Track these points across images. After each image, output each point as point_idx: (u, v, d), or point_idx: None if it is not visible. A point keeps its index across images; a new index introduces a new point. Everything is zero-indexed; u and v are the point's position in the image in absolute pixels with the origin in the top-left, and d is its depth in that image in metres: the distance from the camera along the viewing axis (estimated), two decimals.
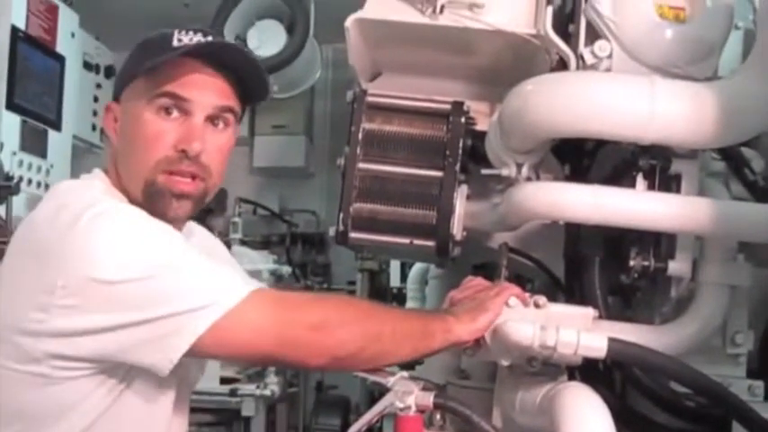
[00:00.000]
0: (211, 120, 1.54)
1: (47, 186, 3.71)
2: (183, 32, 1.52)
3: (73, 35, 4.08)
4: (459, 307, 1.63)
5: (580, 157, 1.94)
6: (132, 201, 1.52)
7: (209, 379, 4.19)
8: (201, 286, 1.37)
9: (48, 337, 1.34)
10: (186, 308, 1.33)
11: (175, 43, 1.51)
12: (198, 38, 1.52)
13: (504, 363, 1.64)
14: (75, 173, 3.87)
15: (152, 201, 1.50)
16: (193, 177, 1.52)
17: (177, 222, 1.54)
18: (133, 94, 1.53)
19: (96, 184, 1.53)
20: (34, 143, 3.67)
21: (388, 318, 1.51)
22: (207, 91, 1.52)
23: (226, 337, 1.36)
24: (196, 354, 1.37)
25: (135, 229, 1.39)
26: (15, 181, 3.09)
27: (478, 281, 1.73)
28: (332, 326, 1.42)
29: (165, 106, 1.50)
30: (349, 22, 1.94)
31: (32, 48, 3.65)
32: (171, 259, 1.38)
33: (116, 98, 1.59)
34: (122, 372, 1.42)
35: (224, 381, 4.29)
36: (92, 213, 1.36)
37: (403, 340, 1.50)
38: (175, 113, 1.50)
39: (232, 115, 1.58)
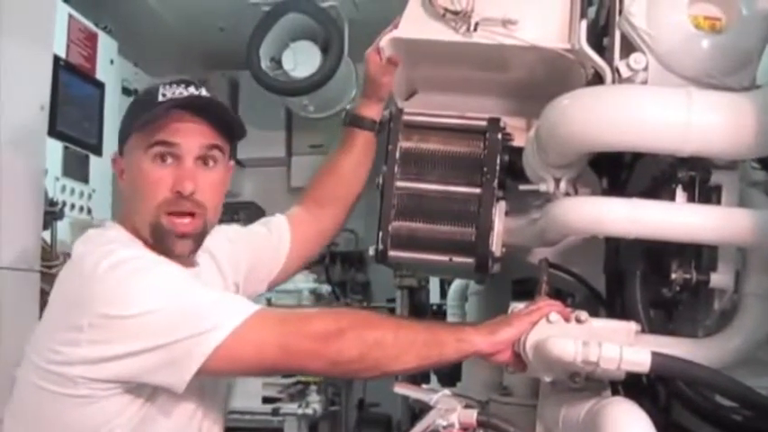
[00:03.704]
0: (202, 160, 1.72)
1: (89, 211, 3.76)
2: (168, 86, 1.71)
3: (112, 62, 4.14)
4: (487, 321, 1.69)
5: (618, 171, 1.93)
6: (145, 240, 1.71)
7: (252, 398, 4.22)
8: (206, 312, 1.55)
9: (80, 364, 1.54)
10: (193, 332, 1.51)
11: (160, 98, 1.69)
12: (180, 90, 1.70)
13: (547, 379, 1.63)
14: (116, 197, 3.92)
15: (159, 241, 1.70)
16: (192, 215, 1.71)
17: (184, 257, 1.74)
18: (132, 148, 1.73)
19: (111, 234, 1.72)
20: (76, 168, 3.72)
21: (389, 326, 1.62)
22: (192, 135, 1.70)
23: (233, 355, 1.53)
24: (208, 372, 1.54)
25: (143, 271, 1.59)
26: (59, 206, 3.13)
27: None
28: (331, 334, 1.55)
29: (159, 154, 1.68)
30: (384, 41, 1.97)
31: (73, 75, 3.70)
32: (176, 292, 1.57)
33: (120, 152, 1.78)
34: (149, 389, 1.60)
35: (266, 400, 4.32)
36: (107, 263, 1.56)
37: (407, 347, 1.59)
38: (169, 160, 1.69)
39: (219, 152, 1.75)
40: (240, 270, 1.97)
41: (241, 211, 5.16)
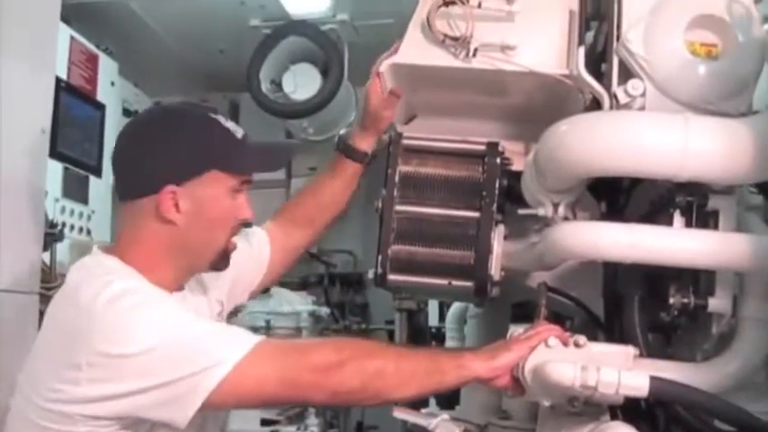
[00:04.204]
0: None
1: (89, 232, 3.76)
2: (224, 119, 1.71)
3: (113, 83, 4.15)
4: (486, 346, 1.69)
5: (616, 195, 1.95)
6: (168, 269, 1.69)
7: (249, 420, 4.20)
8: (207, 348, 1.53)
9: (80, 403, 1.51)
10: (195, 369, 1.49)
11: (238, 136, 1.70)
12: (235, 125, 1.72)
13: (546, 403, 1.64)
14: (115, 218, 3.92)
15: (220, 261, 1.74)
16: None
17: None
18: (211, 183, 1.68)
19: (108, 264, 1.66)
20: (76, 189, 3.71)
21: (390, 356, 1.61)
22: None
23: (235, 389, 1.52)
24: (210, 406, 1.53)
25: (142, 306, 1.55)
26: (59, 228, 3.13)
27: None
28: (332, 366, 1.55)
29: (239, 189, 1.71)
30: (384, 67, 1.98)
31: (74, 97, 3.71)
32: (176, 329, 1.55)
33: (177, 183, 1.66)
34: (148, 424, 1.57)
35: (264, 422, 4.29)
36: (105, 297, 1.53)
37: (408, 377, 1.59)
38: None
39: None
40: (224, 285, 1.95)
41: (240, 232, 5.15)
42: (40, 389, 1.55)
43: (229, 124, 1.70)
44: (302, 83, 4.45)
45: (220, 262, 1.75)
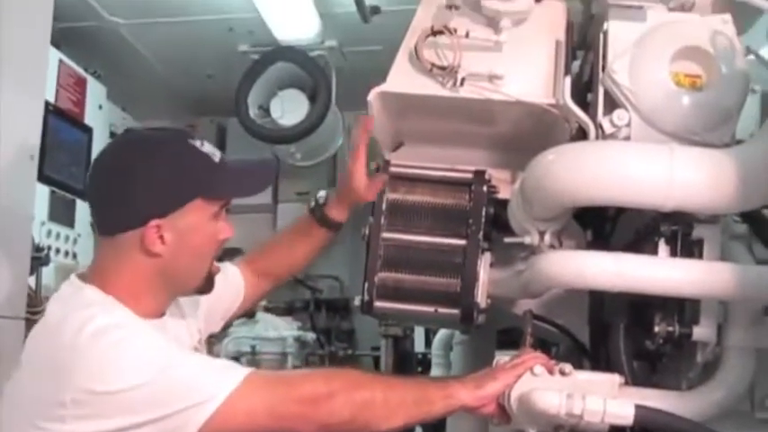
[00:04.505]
0: None
1: (74, 256, 3.76)
2: (200, 143, 1.66)
3: (100, 107, 4.17)
4: (473, 374, 1.70)
5: (602, 224, 1.96)
6: (152, 298, 1.66)
7: None
8: (195, 383, 1.51)
9: None
10: (186, 404, 1.48)
11: (216, 160, 1.67)
12: (213, 148, 1.69)
13: (532, 431, 1.64)
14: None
15: (205, 285, 1.73)
16: None
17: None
18: (193, 211, 1.64)
19: (88, 295, 1.61)
20: (62, 213, 3.72)
21: (379, 386, 1.61)
22: None
23: (225, 423, 1.50)
24: None
25: (126, 342, 1.52)
26: (45, 252, 3.13)
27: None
28: (321, 397, 1.55)
29: (220, 213, 1.69)
30: (372, 95, 1.98)
31: (62, 120, 3.72)
32: (162, 364, 1.51)
33: (162, 215, 1.61)
34: None
35: None
36: (88, 332, 1.49)
37: (396, 407, 1.60)
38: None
39: None
40: (200, 313, 1.94)
41: (226, 257, 5.13)
42: (22, 426, 1.51)
43: (206, 148, 1.66)
44: (290, 108, 4.48)
45: (205, 285, 1.74)
